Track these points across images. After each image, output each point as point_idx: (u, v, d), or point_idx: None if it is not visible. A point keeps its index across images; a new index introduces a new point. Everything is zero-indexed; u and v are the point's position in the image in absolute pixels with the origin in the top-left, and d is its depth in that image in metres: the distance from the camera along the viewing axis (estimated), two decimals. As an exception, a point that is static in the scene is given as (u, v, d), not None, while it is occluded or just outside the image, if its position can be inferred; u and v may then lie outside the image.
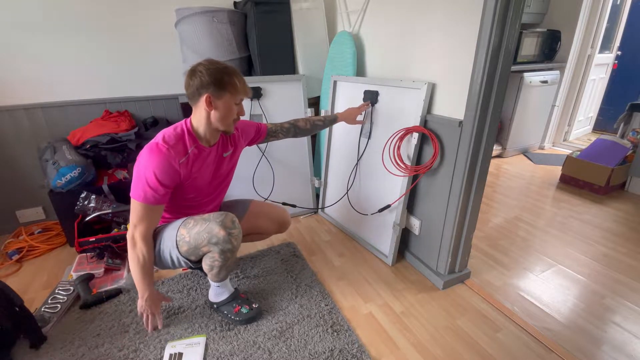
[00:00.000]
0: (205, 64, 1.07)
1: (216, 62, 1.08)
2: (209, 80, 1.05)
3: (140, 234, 1.09)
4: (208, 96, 1.06)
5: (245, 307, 1.29)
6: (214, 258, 1.16)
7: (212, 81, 1.05)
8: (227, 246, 1.13)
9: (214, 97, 1.07)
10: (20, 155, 1.88)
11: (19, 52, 1.75)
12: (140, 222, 1.09)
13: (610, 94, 3.79)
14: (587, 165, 2.40)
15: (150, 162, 1.04)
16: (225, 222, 1.12)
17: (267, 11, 1.86)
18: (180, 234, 1.15)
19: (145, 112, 2.10)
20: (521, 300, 1.40)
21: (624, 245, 1.78)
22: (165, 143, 1.06)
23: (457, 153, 1.30)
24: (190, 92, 1.09)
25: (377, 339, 1.22)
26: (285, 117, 1.97)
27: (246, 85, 1.13)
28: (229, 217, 1.15)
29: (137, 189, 1.06)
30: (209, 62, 1.08)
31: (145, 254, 1.11)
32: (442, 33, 1.29)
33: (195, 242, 1.13)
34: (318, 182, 2.12)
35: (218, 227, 1.11)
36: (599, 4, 2.97)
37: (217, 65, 1.07)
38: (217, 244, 1.12)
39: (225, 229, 1.12)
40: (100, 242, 1.62)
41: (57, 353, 1.16)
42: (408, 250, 1.67)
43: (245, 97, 1.15)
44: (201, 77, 1.05)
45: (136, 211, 1.08)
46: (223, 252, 1.15)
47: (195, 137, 1.14)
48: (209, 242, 1.12)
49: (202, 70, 1.05)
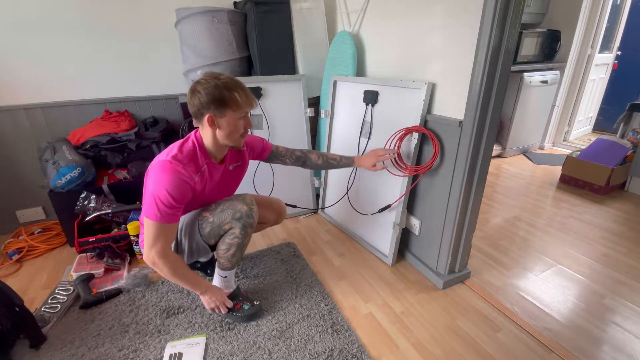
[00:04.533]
0: (203, 82, 1.03)
1: (215, 77, 1.04)
2: (208, 100, 1.02)
3: (157, 253, 1.07)
4: (210, 116, 1.05)
5: (247, 303, 1.30)
6: (235, 234, 1.19)
7: (211, 100, 1.02)
8: (249, 220, 1.18)
9: (216, 116, 1.05)
10: (20, 155, 1.88)
11: (19, 52, 1.75)
12: (157, 242, 1.06)
13: (610, 94, 3.79)
14: (587, 165, 2.40)
15: (163, 181, 1.01)
16: (246, 199, 1.20)
17: (267, 11, 1.86)
18: (203, 217, 1.20)
19: (145, 112, 2.10)
20: (521, 300, 1.40)
21: (624, 245, 1.78)
22: (179, 161, 1.05)
23: (457, 153, 1.30)
24: (192, 112, 1.08)
25: (377, 339, 1.22)
26: (285, 117, 1.99)
27: (250, 97, 1.09)
28: (249, 196, 1.23)
29: (150, 209, 1.03)
30: (208, 78, 1.04)
31: (174, 265, 1.11)
32: (442, 33, 1.29)
33: (219, 220, 1.18)
34: (318, 182, 2.12)
35: (241, 203, 1.18)
36: (599, 4, 2.97)
37: (215, 81, 1.03)
38: (240, 219, 1.17)
39: (247, 204, 1.19)
40: (100, 242, 1.62)
41: (57, 353, 1.16)
42: (408, 250, 1.67)
43: (250, 109, 1.12)
44: (200, 97, 1.02)
45: (151, 231, 1.05)
46: (244, 228, 1.18)
47: (207, 153, 1.14)
48: (232, 218, 1.17)
49: (200, 90, 1.02)
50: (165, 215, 1.03)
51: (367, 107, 1.69)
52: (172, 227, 1.09)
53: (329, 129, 1.99)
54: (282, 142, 2.00)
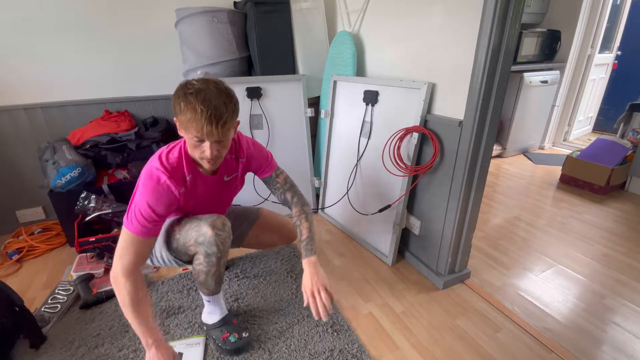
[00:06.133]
0: (183, 85, 0.90)
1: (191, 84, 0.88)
2: (174, 102, 0.91)
3: (122, 269, 0.93)
4: (175, 120, 0.94)
5: (234, 335, 1.16)
6: (199, 261, 1.07)
7: (173, 105, 0.91)
8: (212, 249, 1.02)
9: (177, 123, 0.94)
10: (20, 155, 1.88)
11: (19, 52, 1.75)
12: (125, 254, 0.93)
13: (610, 94, 3.79)
14: (587, 165, 2.40)
15: (146, 190, 0.93)
16: (215, 223, 1.03)
17: (267, 11, 1.86)
18: (173, 230, 1.09)
19: (145, 112, 2.10)
20: (521, 300, 1.40)
21: (624, 245, 1.78)
22: (164, 170, 0.95)
23: (457, 153, 1.30)
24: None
25: (377, 339, 1.22)
26: (285, 117, 1.99)
27: (205, 123, 0.86)
28: (221, 219, 1.05)
29: (129, 217, 0.94)
30: (190, 82, 0.90)
31: (134, 291, 0.93)
32: (442, 33, 1.29)
33: (184, 240, 1.06)
34: (318, 182, 2.12)
35: (207, 226, 1.02)
36: (599, 4, 2.97)
37: (186, 87, 0.88)
38: (202, 244, 1.03)
39: (214, 228, 1.02)
40: (100, 242, 1.62)
41: (57, 353, 1.16)
42: (408, 250, 1.67)
43: (210, 138, 0.90)
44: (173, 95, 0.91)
45: (123, 241, 0.94)
46: (207, 255, 1.04)
47: (194, 162, 1.02)
48: (195, 241, 1.04)
49: (176, 90, 0.91)
50: (142, 228, 0.93)
51: (367, 107, 1.69)
52: (146, 242, 0.96)
53: (329, 129, 1.99)
54: (282, 142, 2.01)
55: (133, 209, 0.94)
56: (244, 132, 1.91)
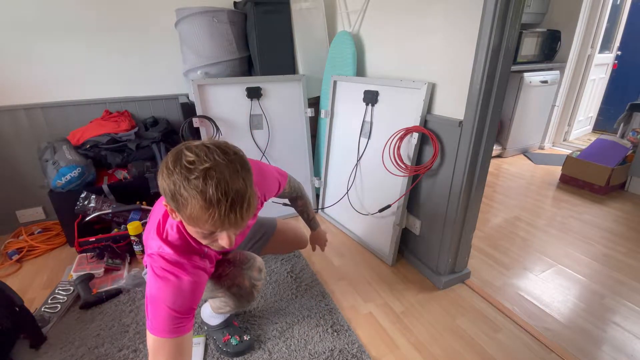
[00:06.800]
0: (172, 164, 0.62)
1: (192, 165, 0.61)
2: (163, 190, 0.65)
3: None
4: (166, 205, 0.71)
5: (235, 337, 1.16)
6: (227, 305, 1.05)
7: (165, 192, 0.65)
8: (250, 297, 1.03)
9: (174, 211, 0.70)
10: (20, 155, 1.88)
11: (18, 52, 1.74)
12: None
13: (610, 94, 3.79)
14: (587, 165, 2.40)
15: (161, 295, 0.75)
16: (254, 269, 1.01)
17: (267, 11, 1.86)
18: None
19: (145, 112, 2.10)
20: (521, 300, 1.40)
21: (624, 245, 1.78)
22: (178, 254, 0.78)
23: (457, 153, 1.30)
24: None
25: (377, 339, 1.22)
26: (285, 117, 1.99)
27: (221, 215, 0.62)
28: (259, 262, 1.03)
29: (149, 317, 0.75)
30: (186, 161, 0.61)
31: None
32: (442, 33, 1.29)
33: (212, 286, 1.01)
34: (318, 182, 2.12)
35: (242, 277, 0.99)
36: (599, 4, 2.97)
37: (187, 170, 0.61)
38: (236, 295, 0.99)
39: (251, 279, 1.01)
40: (100, 242, 1.62)
41: (57, 353, 1.16)
42: (408, 250, 1.67)
43: (219, 231, 0.68)
44: (159, 178, 0.65)
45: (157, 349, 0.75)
46: (240, 303, 1.04)
47: None
48: (227, 291, 0.99)
49: (165, 172, 0.63)
50: (170, 330, 0.75)
51: (367, 107, 1.69)
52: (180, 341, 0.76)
53: (329, 129, 1.99)
54: (282, 142, 2.01)
55: (151, 310, 0.75)
56: (244, 132, 1.92)
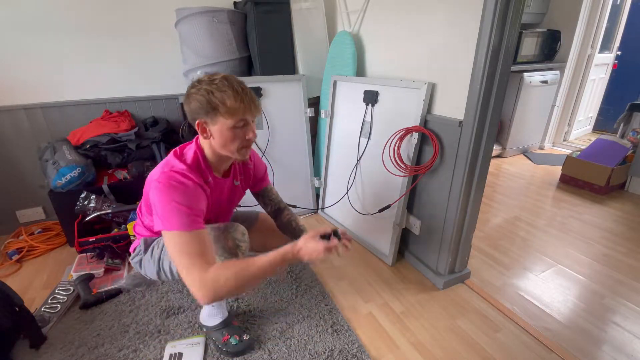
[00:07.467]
0: (196, 84, 0.91)
1: (211, 78, 0.90)
2: (196, 106, 0.89)
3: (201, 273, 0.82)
4: (199, 123, 0.92)
5: (235, 337, 1.16)
6: None
7: (200, 106, 0.89)
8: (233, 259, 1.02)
9: (207, 123, 0.92)
10: (20, 155, 1.88)
11: (18, 52, 1.74)
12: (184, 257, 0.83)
13: (610, 94, 3.79)
14: (587, 165, 2.40)
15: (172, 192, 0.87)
16: (236, 234, 1.03)
17: (267, 11, 1.86)
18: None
19: (145, 112, 2.10)
20: (521, 300, 1.40)
21: (624, 245, 1.78)
22: (189, 170, 0.92)
23: (457, 153, 1.30)
24: (189, 118, 0.95)
25: (377, 339, 1.22)
26: (285, 117, 1.98)
27: (247, 101, 0.90)
28: (240, 229, 1.05)
29: (164, 217, 0.86)
30: (203, 79, 0.91)
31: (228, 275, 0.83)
32: (442, 33, 1.29)
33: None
34: (318, 182, 2.12)
35: (227, 238, 1.02)
36: (599, 4, 2.96)
37: (209, 82, 0.89)
38: (222, 256, 1.00)
39: (234, 240, 1.02)
40: (100, 242, 1.62)
41: (57, 353, 1.16)
42: (408, 250, 1.67)
43: (250, 117, 0.94)
44: (189, 102, 0.91)
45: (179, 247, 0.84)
46: None
47: (209, 164, 1.00)
48: (215, 253, 0.99)
49: (194, 92, 0.90)
50: (185, 223, 0.85)
51: (367, 107, 1.69)
52: (200, 234, 0.87)
53: (329, 129, 1.99)
54: (282, 142, 2.01)
55: (162, 214, 0.86)
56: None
